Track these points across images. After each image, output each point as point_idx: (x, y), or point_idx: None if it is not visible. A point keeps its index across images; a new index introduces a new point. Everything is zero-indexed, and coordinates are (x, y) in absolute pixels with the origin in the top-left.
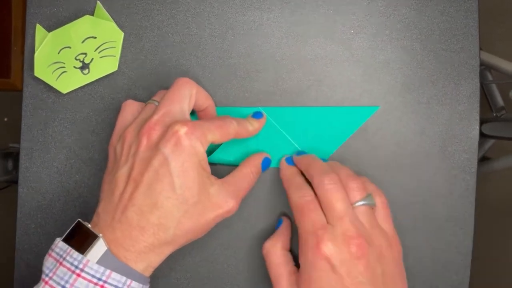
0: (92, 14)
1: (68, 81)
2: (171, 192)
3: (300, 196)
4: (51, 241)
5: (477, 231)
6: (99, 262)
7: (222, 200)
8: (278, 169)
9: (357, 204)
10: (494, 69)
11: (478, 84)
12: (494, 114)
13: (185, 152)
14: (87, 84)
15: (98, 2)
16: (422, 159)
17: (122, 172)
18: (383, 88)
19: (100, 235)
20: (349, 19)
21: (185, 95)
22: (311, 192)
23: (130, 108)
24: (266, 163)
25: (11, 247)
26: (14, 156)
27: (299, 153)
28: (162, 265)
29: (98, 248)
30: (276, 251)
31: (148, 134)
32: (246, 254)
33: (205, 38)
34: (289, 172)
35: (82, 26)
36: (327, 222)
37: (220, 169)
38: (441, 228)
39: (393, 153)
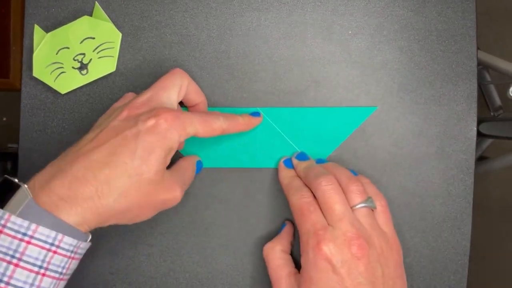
0: (90, 15)
1: (67, 82)
2: (129, 158)
3: (299, 197)
4: None
5: (474, 230)
6: (22, 214)
7: (172, 187)
8: (277, 171)
9: (357, 206)
10: (492, 69)
11: (476, 85)
12: (492, 114)
13: (159, 135)
14: (85, 85)
15: (96, 2)
16: (420, 159)
17: (90, 135)
18: (381, 89)
19: (25, 186)
20: (347, 20)
21: (175, 84)
22: (310, 194)
23: (126, 98)
24: (198, 166)
25: None
26: (13, 156)
27: (299, 155)
28: (160, 265)
29: (20, 199)
30: (275, 253)
31: (129, 110)
32: (245, 255)
33: (203, 38)
34: (288, 175)
35: (80, 26)
36: (328, 224)
37: (219, 171)
38: (439, 228)
39: (391, 154)
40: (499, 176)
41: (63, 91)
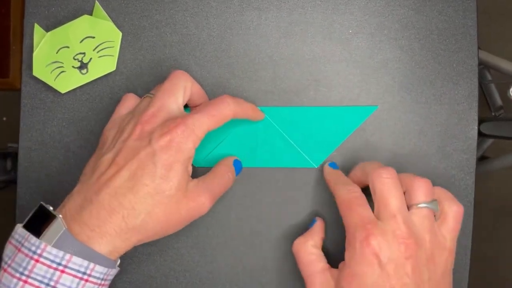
0: (91, 14)
1: (67, 81)
2: (149, 180)
3: (347, 191)
4: None
5: (475, 230)
6: (57, 244)
7: (196, 195)
8: (277, 170)
9: (419, 205)
10: (492, 69)
11: (477, 84)
12: (493, 114)
13: (174, 149)
14: (85, 84)
15: (97, 1)
16: (421, 159)
17: (108, 157)
18: (381, 88)
19: (60, 216)
20: (347, 19)
21: (179, 87)
22: (359, 189)
23: (129, 101)
24: (237, 166)
25: None
26: (13, 156)
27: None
28: (161, 265)
29: (55, 229)
30: (307, 248)
31: (141, 126)
32: (245, 254)
33: (203, 38)
34: (335, 173)
35: (81, 25)
36: (378, 218)
37: None
38: None
39: (392, 153)
40: (499, 176)
41: (63, 90)
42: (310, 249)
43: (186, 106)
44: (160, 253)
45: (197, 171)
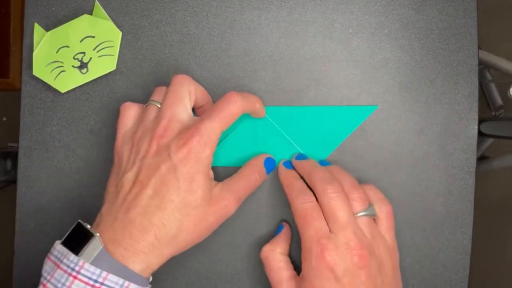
0: (91, 13)
1: (67, 80)
2: (175, 195)
3: (302, 202)
4: (50, 240)
5: (475, 230)
6: (94, 262)
7: (220, 198)
8: (276, 169)
9: (358, 214)
10: (493, 68)
11: (477, 84)
12: (493, 113)
13: (193, 159)
14: (85, 83)
15: (96, 1)
16: (421, 158)
17: (129, 176)
18: (381, 88)
19: (97, 234)
20: (347, 18)
21: (185, 93)
22: (313, 198)
23: (129, 111)
24: (269, 164)
25: (10, 247)
26: (13, 155)
27: (298, 156)
28: (161, 265)
29: (93, 248)
30: (275, 255)
31: (157, 141)
32: (247, 254)
33: (204, 37)
34: (289, 176)
35: (80, 25)
36: (330, 231)
37: (220, 170)
38: (440, 227)
39: (392, 152)
40: (499, 176)
41: (63, 90)
42: (278, 257)
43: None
44: None
45: None
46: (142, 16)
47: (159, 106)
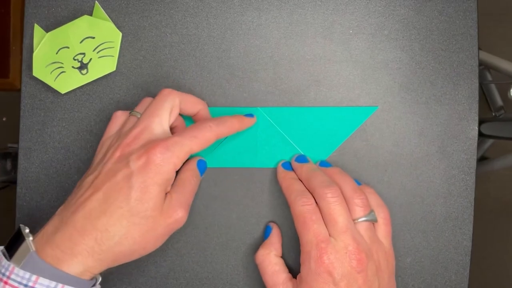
0: (91, 14)
1: (67, 81)
2: (124, 202)
3: (302, 204)
4: None
5: (475, 231)
6: (24, 266)
7: (172, 211)
8: (275, 170)
9: (359, 220)
10: (493, 69)
11: (477, 84)
12: (493, 114)
13: (152, 171)
14: (85, 84)
15: (96, 2)
16: (421, 159)
17: (89, 179)
18: (381, 88)
19: (30, 238)
20: (347, 19)
21: (166, 108)
22: (312, 200)
23: (117, 120)
24: (201, 166)
25: None
26: (13, 156)
27: (298, 158)
28: (161, 266)
29: (23, 252)
30: (270, 259)
31: (122, 149)
32: (245, 255)
33: (204, 38)
34: (287, 178)
35: (80, 26)
36: (329, 234)
37: (219, 171)
38: (440, 228)
39: (392, 153)
40: (499, 176)
41: (63, 90)
42: (273, 259)
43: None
44: (160, 254)
45: None
46: (142, 17)
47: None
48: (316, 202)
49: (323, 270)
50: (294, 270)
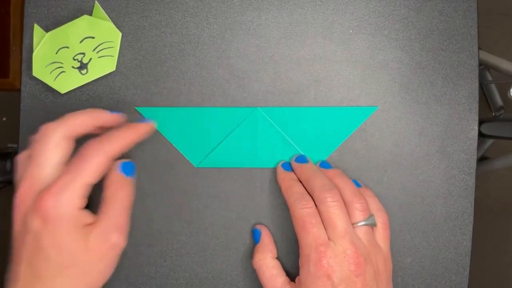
0: (90, 14)
1: (66, 81)
2: (46, 262)
3: (301, 207)
4: None
5: (476, 231)
6: None
7: (102, 240)
8: (275, 171)
9: (359, 224)
10: (493, 69)
11: (477, 85)
12: (494, 114)
13: (53, 224)
14: (85, 84)
15: (96, 2)
16: (421, 159)
17: (11, 246)
18: (381, 88)
19: None
20: (347, 19)
21: (48, 149)
22: (312, 203)
23: (19, 168)
24: (127, 169)
25: (9, 248)
26: (13, 156)
27: (298, 158)
28: (161, 266)
29: None
30: (268, 263)
31: (18, 209)
32: (245, 255)
33: (204, 38)
34: (287, 179)
35: (80, 26)
36: (328, 238)
37: (219, 171)
38: (440, 228)
39: (392, 153)
40: (499, 176)
41: (62, 90)
42: (270, 263)
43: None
44: (160, 254)
45: (198, 172)
46: (142, 16)
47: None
48: (316, 205)
49: (322, 274)
50: (291, 272)
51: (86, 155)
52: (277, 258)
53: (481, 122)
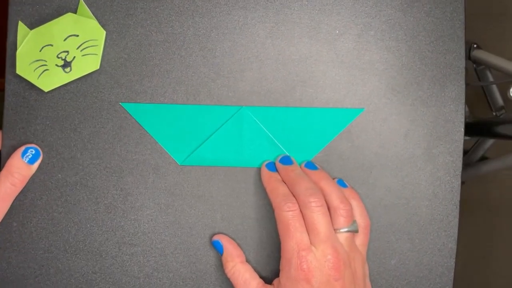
0: (75, 12)
1: (50, 79)
2: None
3: (286, 210)
4: (33, 239)
5: (475, 231)
6: None
7: None
8: (260, 170)
9: (341, 230)
10: (493, 69)
11: (464, 86)
12: (494, 114)
13: None
14: (69, 82)
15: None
16: (407, 161)
17: None
18: (367, 89)
19: None
20: (334, 19)
21: None
22: (297, 206)
23: None
24: (31, 153)
25: None
26: None
27: (283, 158)
28: (144, 266)
29: None
30: (239, 269)
31: None
32: None
33: (189, 37)
34: (272, 180)
35: (65, 24)
36: (310, 242)
37: (204, 170)
38: (425, 230)
39: (377, 155)
40: (499, 176)
41: (46, 88)
42: (241, 268)
43: None
44: (144, 254)
45: (183, 172)
46: (127, 15)
47: None
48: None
49: (302, 278)
50: (274, 272)
51: None
52: (259, 258)
53: (481, 122)
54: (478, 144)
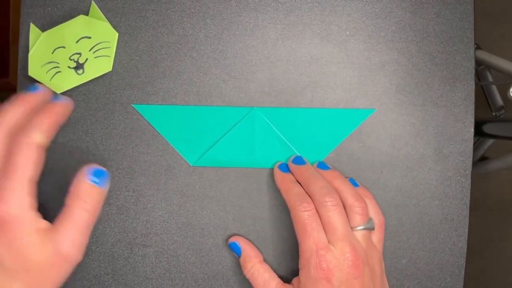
0: (87, 14)
1: (63, 81)
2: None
3: (302, 210)
4: None
5: (474, 230)
6: None
7: (55, 253)
8: (272, 171)
9: (358, 228)
10: (493, 69)
11: (473, 86)
12: (494, 114)
13: (7, 227)
14: (81, 84)
15: (93, 2)
16: (417, 161)
17: None
18: (378, 90)
19: None
20: (344, 20)
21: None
22: (312, 205)
23: None
24: (97, 176)
25: None
26: None
27: (295, 159)
28: (157, 267)
29: None
30: (258, 269)
31: None
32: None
33: (200, 38)
34: (286, 181)
35: (77, 26)
36: (328, 241)
37: (216, 171)
38: (436, 230)
39: (388, 155)
40: (499, 176)
41: (59, 90)
42: (260, 269)
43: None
44: (156, 255)
45: (195, 173)
46: (138, 17)
47: None
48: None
49: (322, 277)
50: (287, 271)
51: (13, 153)
52: (272, 258)
53: (481, 122)
54: (478, 144)
